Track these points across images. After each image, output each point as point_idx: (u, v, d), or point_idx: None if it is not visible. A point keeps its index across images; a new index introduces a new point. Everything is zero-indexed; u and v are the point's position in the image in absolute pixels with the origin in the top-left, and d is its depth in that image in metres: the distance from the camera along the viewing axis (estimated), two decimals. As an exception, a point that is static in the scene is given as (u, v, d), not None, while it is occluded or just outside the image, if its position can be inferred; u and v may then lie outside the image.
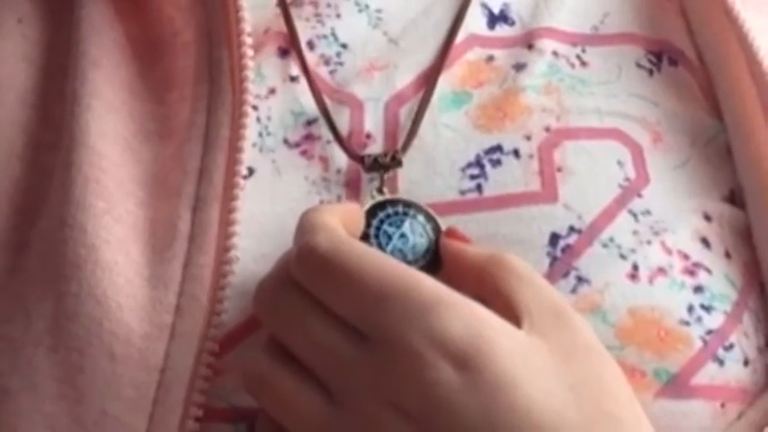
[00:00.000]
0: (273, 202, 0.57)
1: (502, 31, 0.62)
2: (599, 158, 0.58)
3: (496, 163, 0.57)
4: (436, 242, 0.54)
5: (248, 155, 0.56)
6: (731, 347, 0.55)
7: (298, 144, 0.58)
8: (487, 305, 0.49)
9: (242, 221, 0.55)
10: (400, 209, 0.55)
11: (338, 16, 0.61)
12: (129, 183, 0.56)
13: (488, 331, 0.48)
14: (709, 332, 0.55)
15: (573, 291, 0.54)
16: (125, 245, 0.54)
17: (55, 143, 0.58)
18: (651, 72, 0.62)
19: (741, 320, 0.56)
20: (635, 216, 0.56)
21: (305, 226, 0.51)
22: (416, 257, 0.54)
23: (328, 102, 0.59)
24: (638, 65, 0.62)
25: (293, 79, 0.59)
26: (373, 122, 0.59)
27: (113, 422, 0.52)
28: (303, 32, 0.60)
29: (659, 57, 0.63)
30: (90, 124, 0.56)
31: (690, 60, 0.63)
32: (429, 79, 0.59)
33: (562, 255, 0.55)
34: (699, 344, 0.54)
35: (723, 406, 0.55)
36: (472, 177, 0.57)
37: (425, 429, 0.48)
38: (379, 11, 0.62)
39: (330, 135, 0.58)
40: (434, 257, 0.54)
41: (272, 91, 0.59)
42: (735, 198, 0.60)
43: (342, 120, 0.58)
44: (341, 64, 0.60)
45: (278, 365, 0.50)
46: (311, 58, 0.60)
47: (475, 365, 0.48)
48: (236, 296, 0.54)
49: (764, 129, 0.60)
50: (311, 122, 0.59)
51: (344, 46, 0.61)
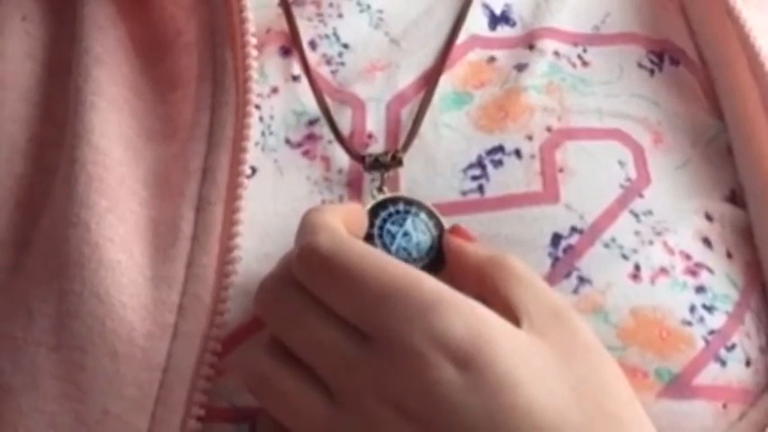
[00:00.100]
0: (275, 202, 0.56)
1: (503, 32, 0.62)
2: (600, 159, 0.58)
3: (498, 163, 0.57)
4: (439, 239, 0.55)
5: (251, 154, 0.56)
6: (733, 348, 0.55)
7: (300, 144, 0.58)
8: (488, 305, 0.49)
9: (244, 221, 0.55)
10: (401, 207, 0.55)
11: (340, 16, 0.61)
12: (133, 182, 0.56)
13: (489, 331, 0.48)
14: (711, 332, 0.55)
15: (575, 291, 0.54)
16: (128, 244, 0.54)
17: (58, 140, 0.58)
18: (652, 72, 0.62)
19: (743, 321, 0.56)
20: (636, 216, 0.56)
21: (306, 226, 0.51)
22: (420, 255, 0.54)
23: (330, 102, 0.59)
24: (639, 65, 0.62)
25: (295, 79, 0.59)
26: (375, 122, 0.59)
27: (115, 421, 0.52)
28: (305, 32, 0.60)
29: (660, 56, 0.62)
30: (93, 122, 0.56)
31: (691, 60, 0.63)
32: (430, 80, 0.59)
33: (564, 255, 0.55)
34: (701, 344, 0.54)
35: (725, 406, 0.55)
36: (474, 178, 0.57)
37: (426, 429, 0.48)
38: (380, 11, 0.62)
39: (332, 135, 0.58)
40: (438, 255, 0.54)
41: (275, 90, 0.59)
42: (736, 198, 0.60)
43: (344, 120, 0.58)
44: (342, 64, 0.60)
45: (279, 365, 0.50)
46: (313, 58, 0.60)
47: (476, 365, 0.48)
48: (238, 296, 0.54)
49: (766, 128, 0.60)
50: (313, 122, 0.59)
51: (346, 46, 0.61)
